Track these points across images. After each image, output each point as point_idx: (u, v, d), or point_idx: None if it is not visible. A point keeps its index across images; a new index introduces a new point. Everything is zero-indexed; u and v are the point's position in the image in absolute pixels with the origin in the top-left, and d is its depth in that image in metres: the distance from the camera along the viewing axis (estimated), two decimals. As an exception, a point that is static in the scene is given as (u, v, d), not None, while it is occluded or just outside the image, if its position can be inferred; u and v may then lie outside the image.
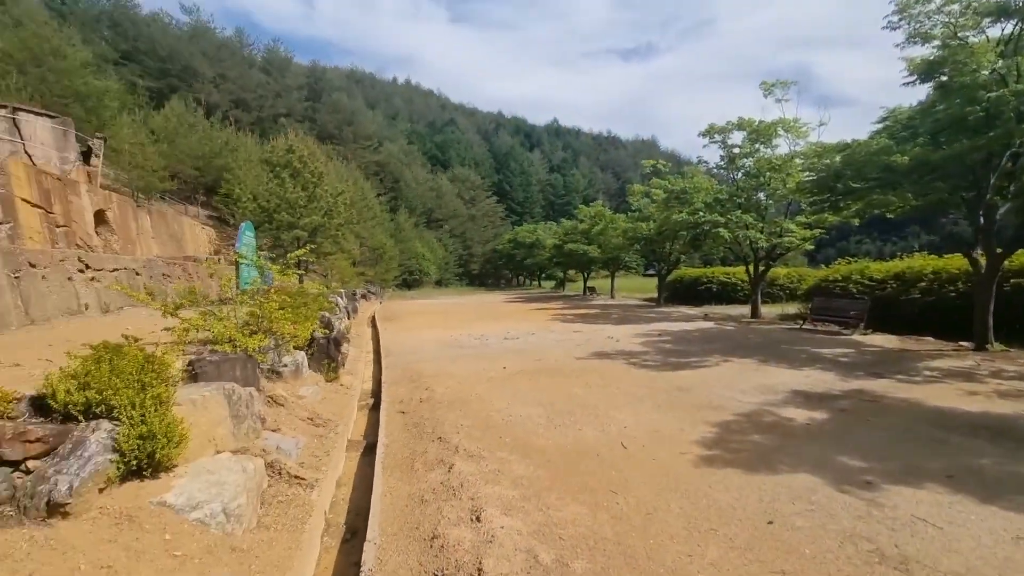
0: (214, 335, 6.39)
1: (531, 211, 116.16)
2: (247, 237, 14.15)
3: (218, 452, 4.42)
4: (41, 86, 34.86)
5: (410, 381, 9.60)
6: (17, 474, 3.02)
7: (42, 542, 2.78)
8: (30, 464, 3.07)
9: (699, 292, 32.12)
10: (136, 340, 4.69)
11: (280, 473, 4.64)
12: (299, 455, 5.24)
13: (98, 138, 24.03)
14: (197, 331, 6.55)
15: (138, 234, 25.75)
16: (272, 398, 6.45)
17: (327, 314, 9.71)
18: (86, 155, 23.53)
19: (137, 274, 14.49)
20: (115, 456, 3.32)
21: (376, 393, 9.15)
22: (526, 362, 11.42)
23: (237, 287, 13.72)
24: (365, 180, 64.73)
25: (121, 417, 3.46)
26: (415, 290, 64.40)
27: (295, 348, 8.53)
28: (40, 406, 3.41)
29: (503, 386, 9.03)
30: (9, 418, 3.19)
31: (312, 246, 15.50)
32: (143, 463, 3.41)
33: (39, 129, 20.04)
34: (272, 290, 8.87)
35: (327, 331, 9.20)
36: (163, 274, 17.47)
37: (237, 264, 13.65)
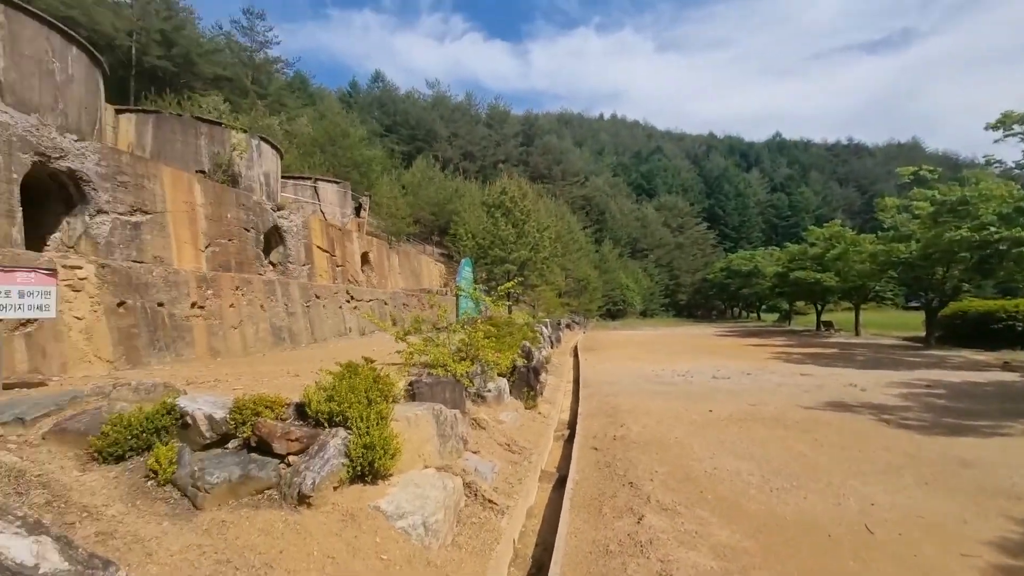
0: (431, 359, 7.28)
1: (748, 236, 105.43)
2: (466, 272, 15.99)
3: (425, 467, 4.90)
4: (333, 159, 45.67)
5: (606, 416, 9.37)
6: (282, 466, 3.81)
7: (292, 524, 3.42)
8: (291, 459, 3.85)
9: (993, 332, 24.34)
10: (371, 361, 5.58)
11: (476, 495, 4.92)
12: (494, 479, 5.49)
13: (365, 196, 30.35)
14: (420, 355, 7.55)
15: (389, 271, 31.28)
16: (475, 421, 6.97)
17: (528, 343, 10.24)
18: (358, 209, 30.01)
19: (385, 304, 17.63)
20: (346, 460, 3.95)
21: (572, 424, 9.16)
22: (737, 406, 10.12)
23: (456, 316, 15.53)
24: (571, 214, 67.68)
25: (352, 427, 4.11)
26: (619, 320, 63.88)
27: (498, 375, 9.15)
28: (301, 412, 4.29)
29: (707, 432, 8.13)
30: (280, 419, 4.08)
31: (520, 279, 16.69)
32: (365, 470, 3.97)
33: (329, 192, 26.33)
34: (479, 320, 9.73)
35: (527, 360, 9.67)
36: (403, 304, 20.85)
37: (456, 296, 15.51)
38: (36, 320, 6.39)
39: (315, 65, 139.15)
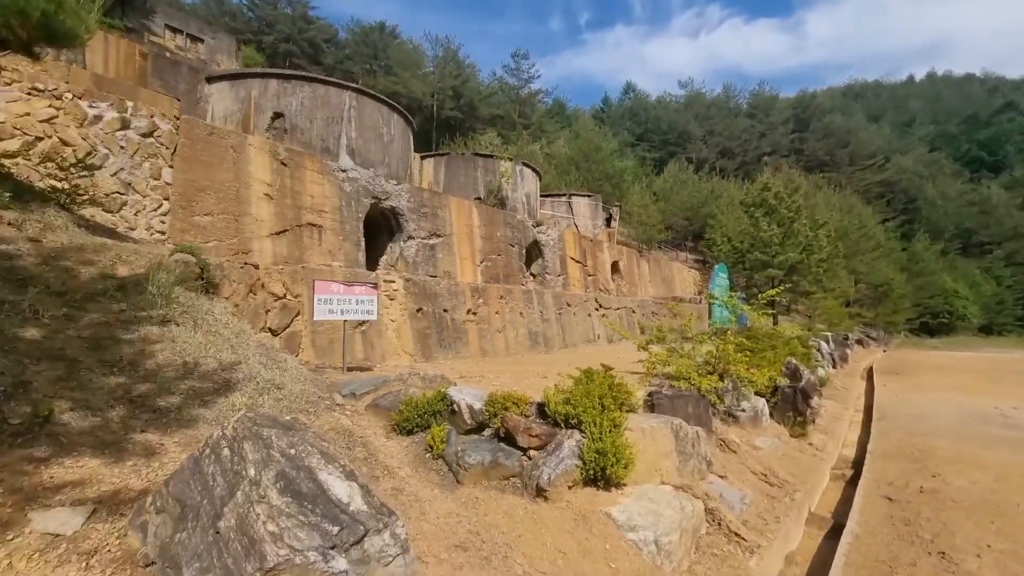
0: (674, 371, 6.94)
1: None
2: (720, 279, 14.75)
3: (662, 483, 4.71)
4: (587, 174, 48.11)
5: (909, 460, 7.31)
6: (524, 458, 4.19)
7: (530, 513, 3.73)
8: (531, 453, 4.21)
9: None
10: (608, 368, 5.67)
11: (719, 524, 4.48)
12: (744, 511, 4.90)
13: (615, 206, 31.01)
14: (663, 366, 7.30)
15: (639, 279, 31.15)
16: (724, 442, 6.35)
17: (793, 360, 8.75)
18: (608, 220, 30.91)
19: (633, 312, 17.64)
20: (579, 462, 4.11)
21: (857, 464, 7.46)
22: None
23: (708, 326, 14.44)
24: (864, 205, 55.49)
25: (586, 431, 4.26)
26: (940, 338, 49.19)
27: (756, 394, 8.14)
28: (542, 411, 4.65)
29: (1096, 507, 5.52)
30: (524, 416, 4.51)
31: (788, 285, 14.44)
32: (597, 474, 4.05)
33: (582, 206, 27.87)
34: (730, 331, 8.81)
35: (792, 380, 8.29)
36: (652, 312, 20.47)
37: (709, 304, 14.43)
38: (367, 321, 8.66)
39: (572, 89, 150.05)
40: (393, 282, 10.21)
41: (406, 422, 4.66)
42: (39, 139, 8.55)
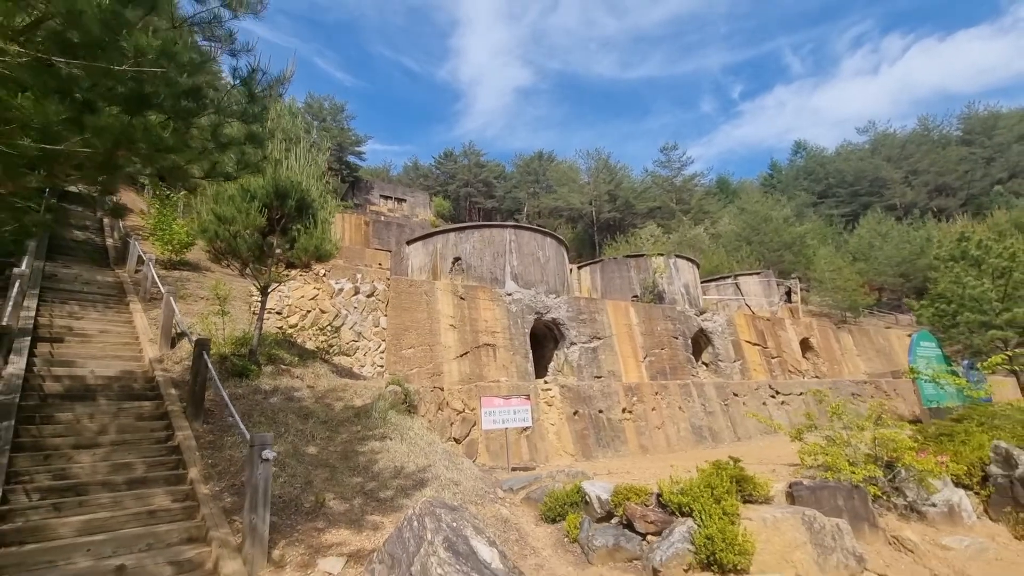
0: (828, 461, 6.69)
1: None
2: (921, 348, 12.82)
3: (797, 575, 4.83)
4: (759, 248, 45.38)
5: None
6: (643, 542, 4.89)
7: (646, 591, 4.40)
8: (649, 538, 4.90)
9: None
10: (737, 461, 6.02)
11: (861, 621, 4.41)
12: (902, 612, 4.64)
13: (793, 279, 28.66)
14: (817, 456, 7.03)
15: (842, 354, 27.45)
16: (897, 539, 5.86)
17: (1003, 444, 7.25)
18: (788, 294, 28.51)
19: (825, 395, 15.79)
20: (691, 547, 4.66)
21: None
22: None
23: (919, 404, 12.48)
24: None
25: (696, 519, 4.82)
26: None
27: (958, 485, 7.14)
28: (660, 502, 5.30)
29: None
30: (644, 505, 5.22)
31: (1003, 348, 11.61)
32: (709, 558, 4.54)
33: (751, 285, 26.54)
34: (959, 407, 7.89)
35: (1007, 468, 6.98)
36: (852, 393, 17.95)
37: (914, 380, 12.56)
38: (530, 427, 10.05)
39: (736, 162, 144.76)
40: (550, 389, 11.60)
41: (550, 511, 5.73)
42: (308, 311, 12.56)
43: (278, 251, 8.31)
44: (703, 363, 21.01)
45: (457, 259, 17.51)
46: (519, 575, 4.01)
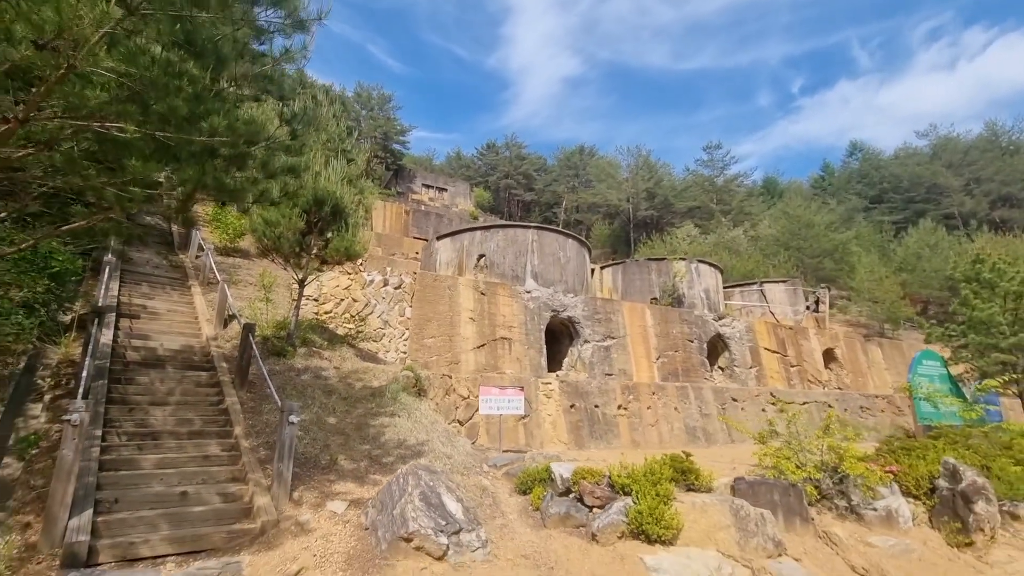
0: (775, 463, 7.47)
1: None
2: (924, 367, 13.07)
3: (718, 551, 5.76)
4: (798, 254, 44.45)
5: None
6: (590, 513, 5.92)
7: (583, 549, 5.46)
8: (595, 510, 5.92)
9: None
10: (688, 455, 6.93)
11: (762, 591, 5.32)
12: (803, 589, 5.50)
13: (822, 288, 28.38)
14: (768, 458, 7.80)
15: (868, 367, 27.16)
16: (827, 534, 6.64)
17: (951, 460, 7.74)
18: (816, 304, 28.26)
19: (829, 407, 16.12)
20: (625, 519, 5.66)
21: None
22: None
23: (914, 421, 12.82)
24: None
25: (634, 498, 5.80)
26: None
27: (908, 495, 7.80)
28: (609, 482, 6.29)
29: None
30: (596, 484, 6.23)
31: (1009, 372, 11.62)
32: (637, 530, 5.54)
33: (777, 293, 26.54)
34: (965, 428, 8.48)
35: (952, 481, 7.53)
36: (860, 407, 18.10)
37: (911, 398, 12.87)
38: (524, 415, 11.13)
39: (791, 160, 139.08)
40: (549, 383, 12.61)
41: (522, 484, 6.82)
42: (342, 300, 14.02)
43: (314, 249, 9.69)
44: (719, 367, 21.46)
45: (481, 256, 18.67)
46: (476, 523, 5.15)
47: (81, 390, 5.02)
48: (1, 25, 3.04)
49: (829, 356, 25.58)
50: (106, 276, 8.61)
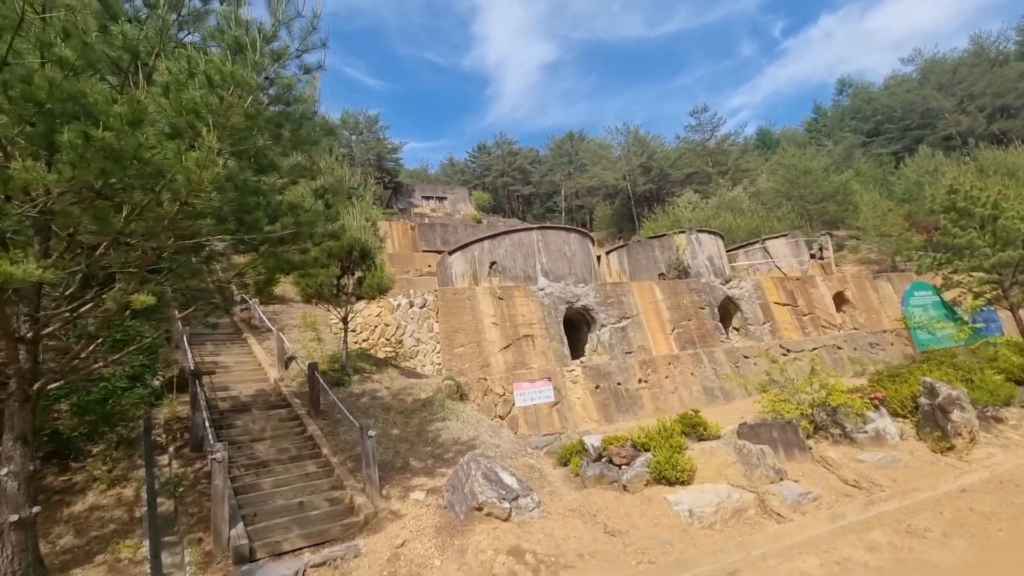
0: (774, 407, 8.69)
1: None
2: (916, 298, 14.09)
3: (728, 483, 7.04)
4: (800, 203, 44.88)
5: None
6: (619, 470, 7.24)
7: (617, 498, 6.79)
8: (622, 467, 7.25)
9: None
10: (697, 412, 8.21)
11: (765, 508, 6.60)
12: (800, 503, 6.75)
13: (823, 235, 29.13)
14: (770, 404, 9.02)
15: (880, 303, 27.91)
16: (823, 458, 7.88)
17: (928, 379, 8.82)
18: (821, 251, 29.06)
19: (839, 348, 17.12)
20: (648, 470, 6.97)
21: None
22: None
23: (914, 349, 13.86)
24: None
25: (653, 452, 7.12)
26: None
27: (896, 416, 8.96)
28: (632, 444, 7.60)
29: None
30: (621, 447, 7.54)
31: (995, 288, 12.41)
32: (659, 477, 6.85)
33: (779, 247, 27.41)
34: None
35: (931, 397, 8.67)
36: (870, 344, 19.04)
37: (906, 327, 13.91)
38: (556, 402, 12.47)
39: (785, 105, 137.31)
40: (574, 370, 13.92)
41: (561, 458, 8.16)
42: (376, 326, 15.50)
43: (348, 288, 11.14)
44: (734, 328, 22.52)
45: (493, 263, 20.00)
46: (529, 490, 6.52)
47: (211, 436, 6.50)
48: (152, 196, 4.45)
49: (840, 299, 26.37)
50: (184, 343, 10.14)
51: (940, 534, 5.43)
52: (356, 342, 14.67)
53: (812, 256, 28.76)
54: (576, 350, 18.84)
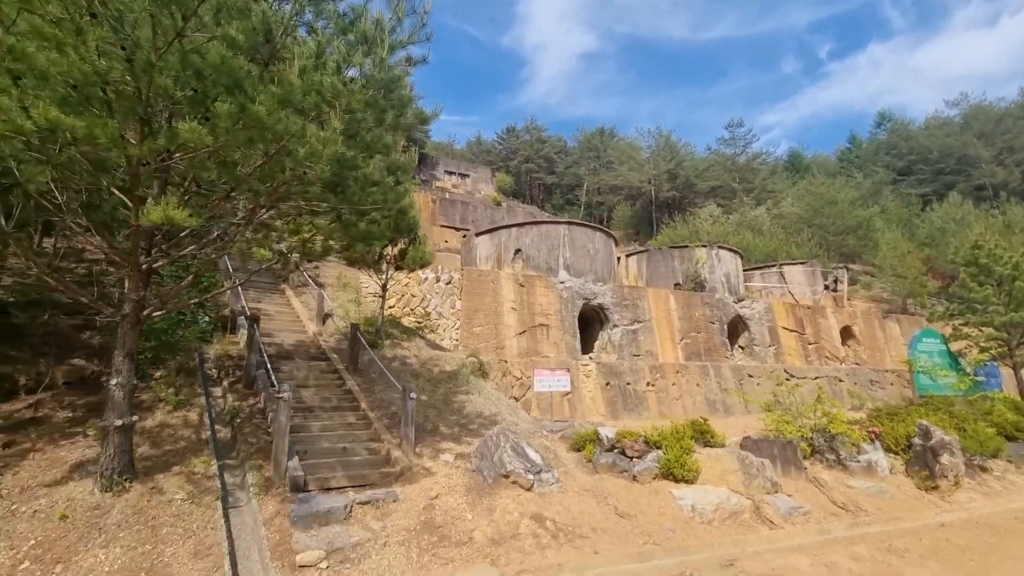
0: (776, 427, 9.34)
1: None
2: (923, 344, 14.61)
3: (729, 488, 7.72)
4: (820, 231, 44.99)
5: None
6: (630, 462, 7.93)
7: (627, 487, 7.49)
8: (634, 460, 7.93)
9: None
10: (706, 421, 8.87)
11: (760, 514, 7.28)
12: (791, 514, 7.43)
13: (840, 268, 29.48)
14: (773, 423, 9.67)
15: (886, 342, 28.38)
16: (816, 479, 8.54)
17: (925, 422, 9.42)
18: (835, 283, 29.44)
19: (840, 380, 17.71)
20: (657, 465, 7.65)
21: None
22: None
23: (913, 392, 14.42)
24: None
25: (664, 450, 7.79)
26: None
27: (888, 451, 9.60)
28: (645, 440, 8.27)
29: None
30: (634, 442, 8.21)
31: (1003, 347, 12.91)
32: (666, 473, 7.53)
33: (795, 274, 27.84)
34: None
35: (925, 439, 9.28)
36: (870, 380, 19.62)
37: (910, 371, 14.47)
38: (569, 391, 13.17)
39: (819, 128, 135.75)
40: (588, 365, 14.60)
41: (575, 444, 8.85)
42: (402, 296, 16.18)
43: (389, 258, 11.78)
44: (739, 346, 23.11)
45: (518, 251, 20.60)
46: (550, 467, 7.23)
47: (272, 378, 7.22)
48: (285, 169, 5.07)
49: (847, 333, 26.86)
50: (239, 290, 10.84)
51: (917, 555, 6.10)
52: (379, 308, 15.37)
53: (826, 287, 29.17)
54: (586, 345, 19.51)
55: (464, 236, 35.72)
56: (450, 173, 55.80)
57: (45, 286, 5.58)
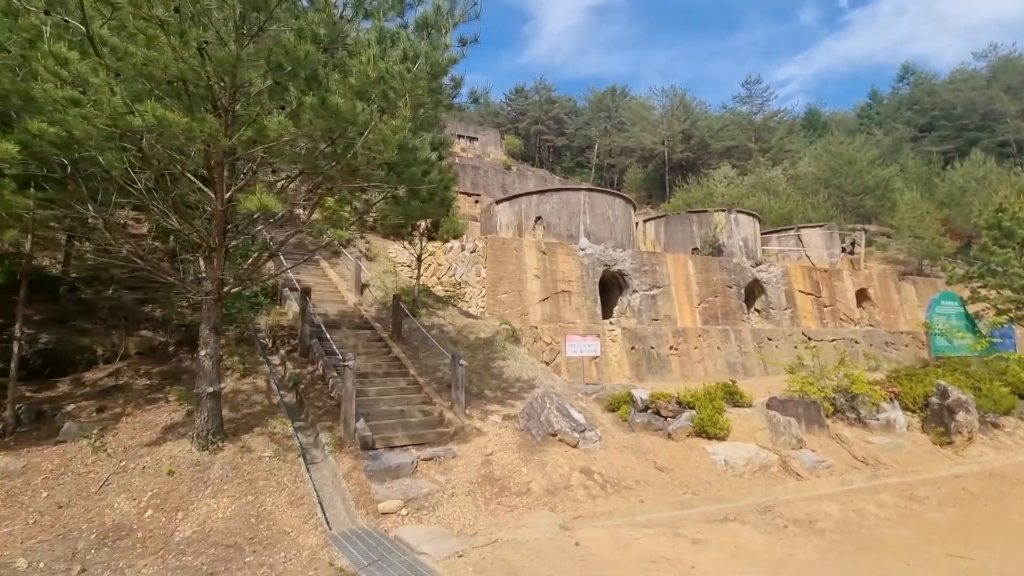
0: (800, 388, 9.84)
1: None
2: (941, 307, 14.89)
3: (757, 444, 8.28)
4: (838, 192, 44.39)
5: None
6: (665, 421, 8.50)
7: (663, 443, 8.08)
8: (668, 419, 8.49)
9: None
10: (734, 382, 9.37)
11: (787, 468, 7.85)
12: (815, 467, 8.00)
13: (858, 231, 29.39)
14: (797, 384, 10.16)
15: (901, 304, 28.60)
16: (838, 436, 9.08)
17: (943, 382, 9.87)
18: (852, 246, 29.44)
19: (856, 343, 18.12)
20: (691, 424, 8.21)
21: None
22: None
23: (929, 354, 14.83)
24: None
25: (697, 410, 8.33)
26: None
27: (906, 409, 10.10)
28: (678, 401, 8.81)
29: None
30: (667, 402, 8.75)
31: (1022, 309, 13.16)
32: (699, 431, 8.10)
33: (813, 237, 27.85)
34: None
35: (942, 398, 9.74)
36: (885, 342, 20.01)
37: (927, 333, 14.83)
38: (598, 356, 13.73)
39: (837, 83, 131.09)
40: (614, 330, 15.11)
41: (610, 405, 9.42)
42: (430, 265, 16.62)
43: (423, 231, 12.17)
44: (756, 310, 23.48)
45: (539, 218, 20.83)
46: (592, 426, 7.81)
47: (332, 347, 7.77)
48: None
49: (862, 295, 27.06)
50: (283, 261, 11.34)
51: (936, 502, 6.67)
52: (411, 277, 15.86)
53: (843, 249, 29.20)
54: (606, 310, 19.97)
55: (476, 201, 35.74)
56: (458, 136, 54.69)
57: (134, 266, 6.06)
